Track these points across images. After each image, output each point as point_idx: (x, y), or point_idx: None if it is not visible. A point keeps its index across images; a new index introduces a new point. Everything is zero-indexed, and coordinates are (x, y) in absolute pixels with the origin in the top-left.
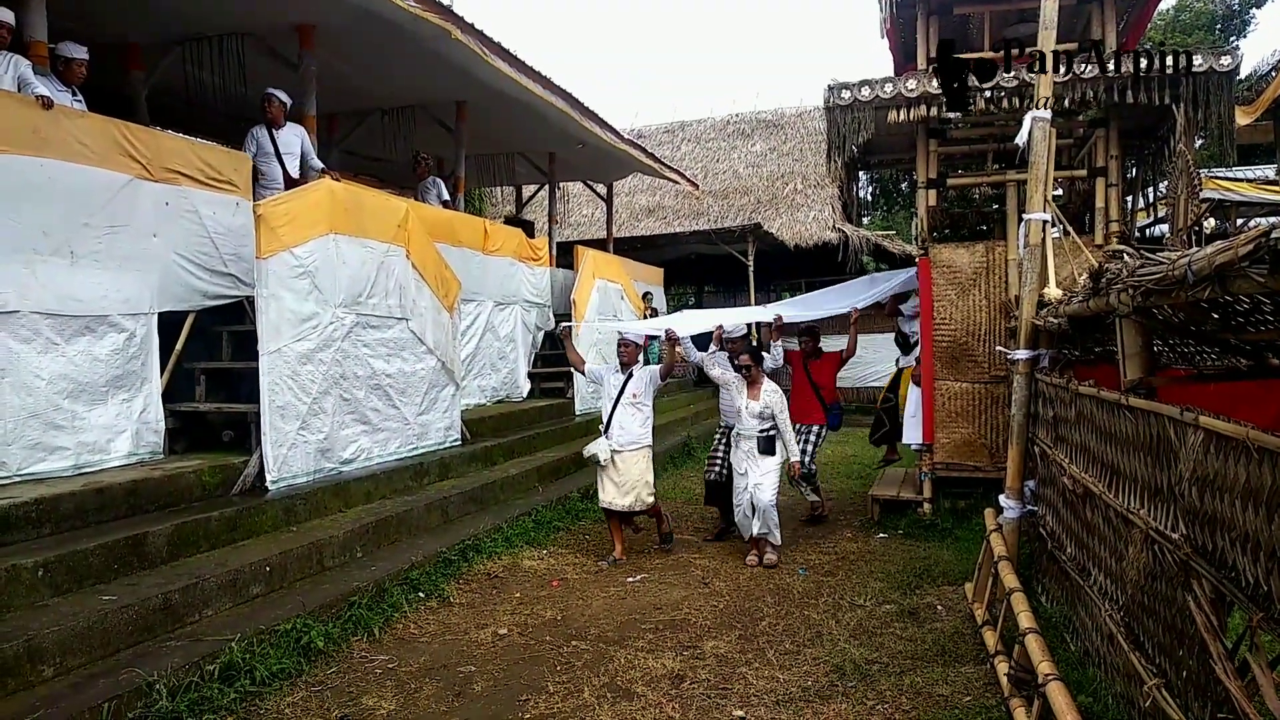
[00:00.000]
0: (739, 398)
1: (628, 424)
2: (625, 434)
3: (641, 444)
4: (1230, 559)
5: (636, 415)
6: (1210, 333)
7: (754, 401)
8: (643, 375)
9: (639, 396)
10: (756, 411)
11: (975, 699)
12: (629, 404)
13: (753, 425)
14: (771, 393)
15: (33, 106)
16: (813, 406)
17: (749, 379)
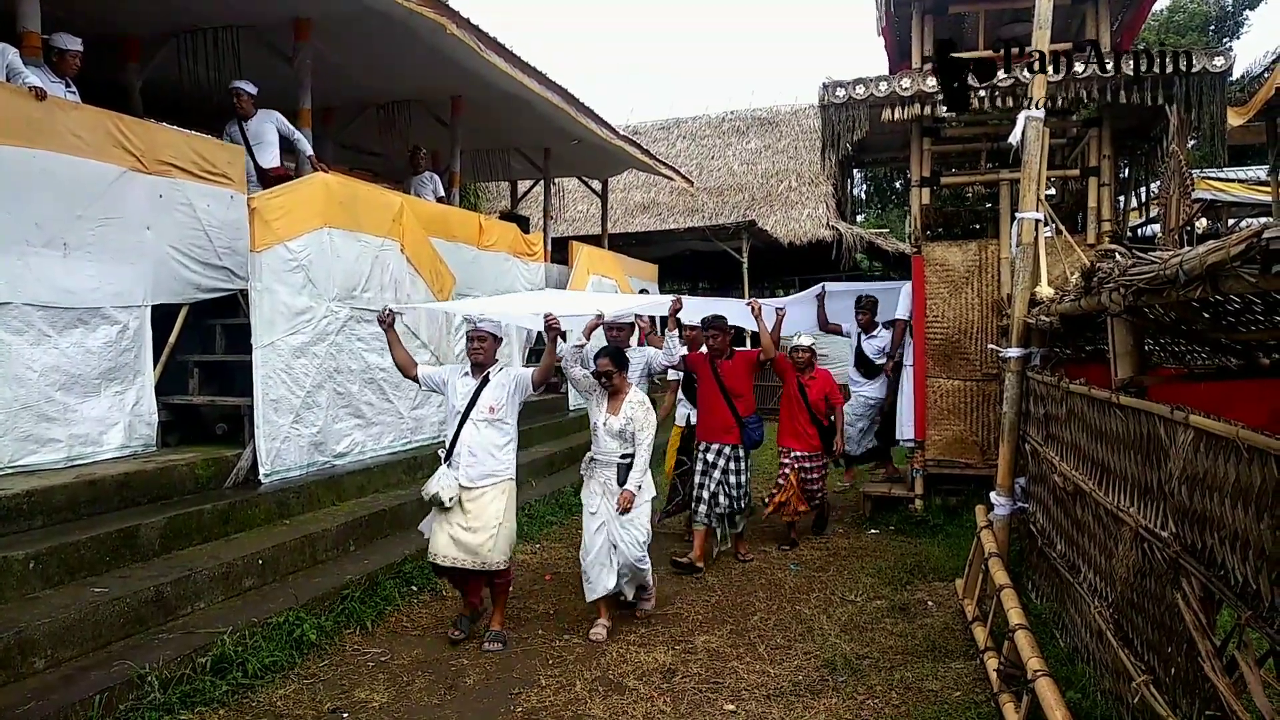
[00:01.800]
0: (596, 412)
1: (480, 448)
2: (476, 464)
3: (500, 477)
4: (1219, 557)
5: (494, 436)
6: (1201, 332)
7: (614, 417)
8: (504, 381)
9: (497, 410)
10: (616, 429)
11: (965, 694)
12: (482, 421)
13: (612, 448)
14: (636, 405)
15: (25, 97)
16: (722, 421)
17: (609, 388)
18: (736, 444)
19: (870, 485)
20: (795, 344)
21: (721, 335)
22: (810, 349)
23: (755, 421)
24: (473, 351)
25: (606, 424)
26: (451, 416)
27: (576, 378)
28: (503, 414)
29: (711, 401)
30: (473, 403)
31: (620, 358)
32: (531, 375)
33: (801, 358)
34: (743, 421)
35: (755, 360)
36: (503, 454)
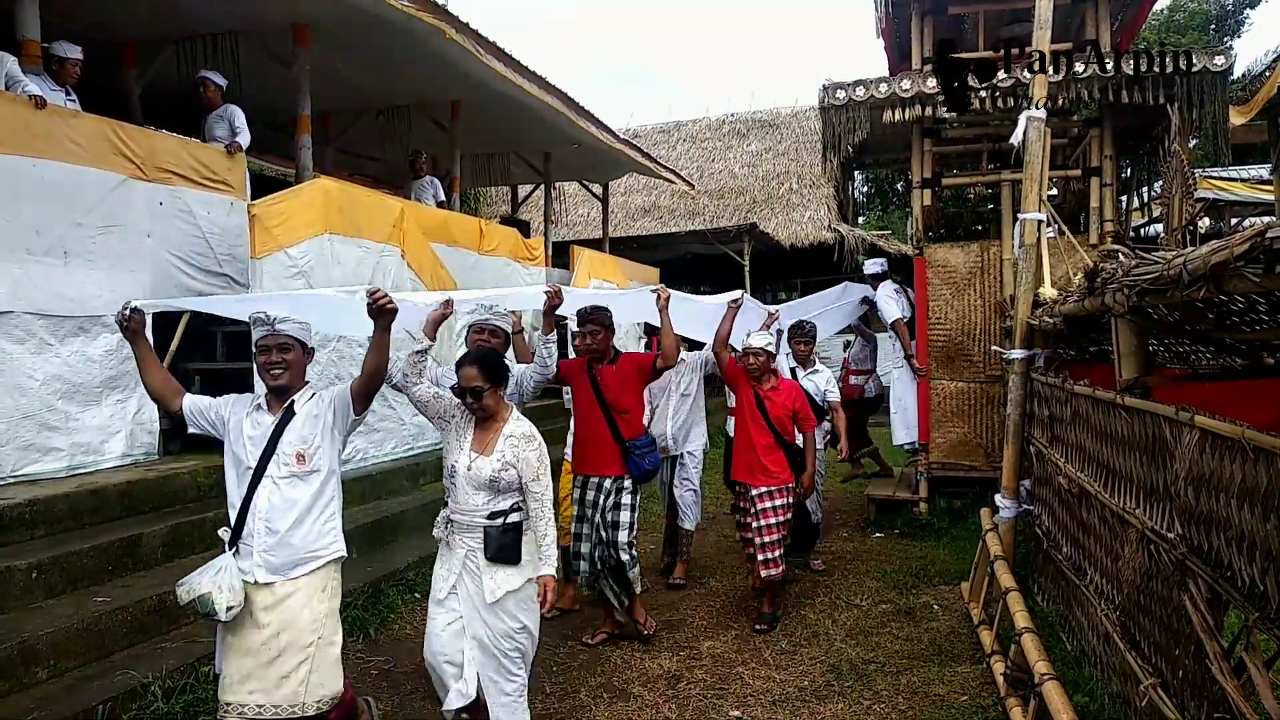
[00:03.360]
0: (455, 448)
1: (284, 520)
2: (279, 546)
3: (320, 559)
4: (1226, 559)
5: (305, 497)
6: (1205, 332)
7: (484, 458)
8: (318, 411)
9: (309, 458)
10: (487, 476)
11: (972, 698)
12: (287, 477)
13: (476, 504)
14: (521, 442)
15: (25, 105)
16: (601, 445)
17: (477, 413)
18: (620, 475)
19: (874, 489)
20: (748, 344)
21: (602, 333)
22: (766, 351)
23: (646, 445)
24: (269, 370)
25: (472, 468)
26: (238, 475)
27: (423, 398)
28: (318, 461)
29: (588, 421)
30: (269, 451)
31: (494, 368)
32: (350, 389)
33: (755, 363)
34: (628, 446)
35: (649, 365)
36: (323, 521)
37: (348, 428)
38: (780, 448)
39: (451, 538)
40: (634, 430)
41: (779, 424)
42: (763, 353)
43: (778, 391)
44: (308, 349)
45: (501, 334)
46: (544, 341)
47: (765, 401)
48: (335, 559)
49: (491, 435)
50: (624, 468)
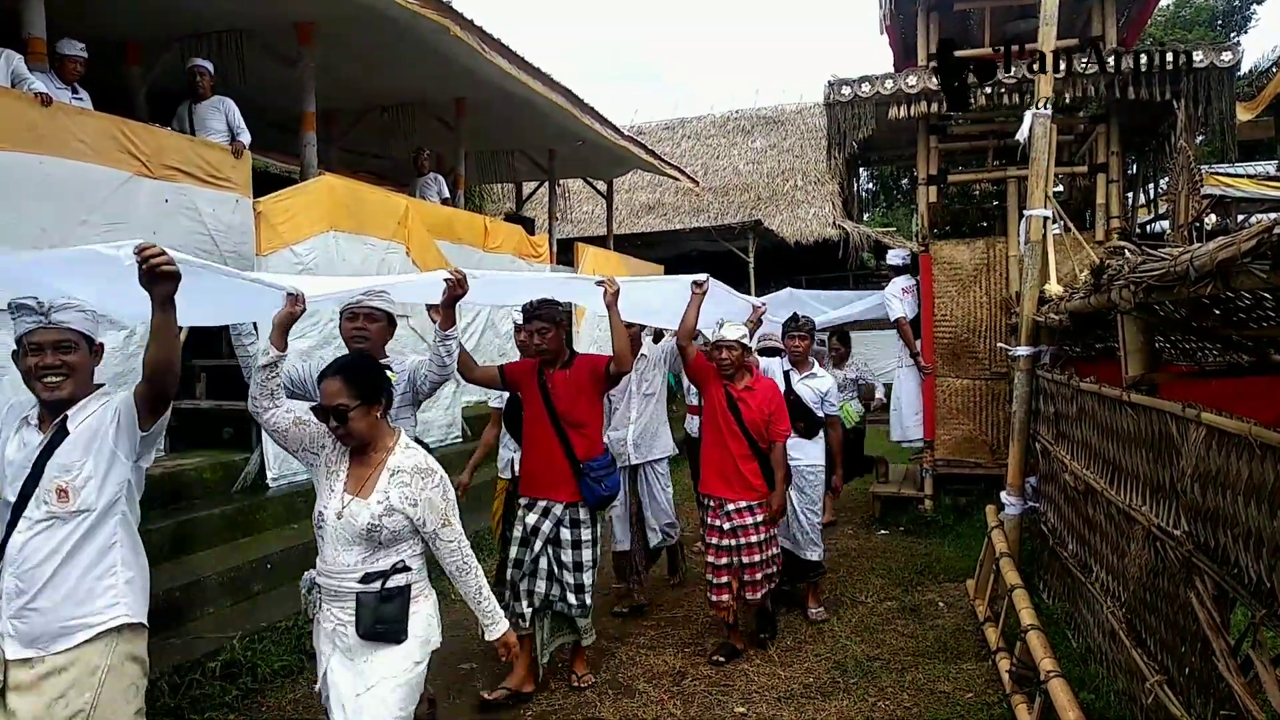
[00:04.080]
0: (323, 489)
1: (31, 576)
2: (31, 613)
3: (87, 629)
4: (1233, 555)
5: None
6: (1212, 329)
7: (359, 500)
8: (96, 426)
9: (73, 494)
10: (364, 525)
11: (977, 696)
12: (45, 519)
13: (347, 563)
14: (414, 477)
15: (31, 103)
16: (551, 464)
17: (343, 438)
18: (574, 501)
19: (879, 486)
20: (720, 336)
21: (552, 330)
22: (739, 344)
23: (603, 466)
24: (41, 377)
25: (344, 514)
26: None
27: (279, 426)
28: (87, 496)
29: (537, 435)
30: (31, 482)
31: (364, 379)
32: (134, 394)
33: (728, 358)
34: (583, 467)
35: (604, 370)
36: (94, 578)
37: (137, 447)
38: (756, 457)
39: (325, 606)
40: (590, 448)
41: (754, 429)
42: (736, 346)
43: (752, 393)
44: (95, 345)
45: (382, 317)
46: (440, 339)
47: (739, 403)
48: (116, 627)
49: (370, 470)
50: (578, 492)
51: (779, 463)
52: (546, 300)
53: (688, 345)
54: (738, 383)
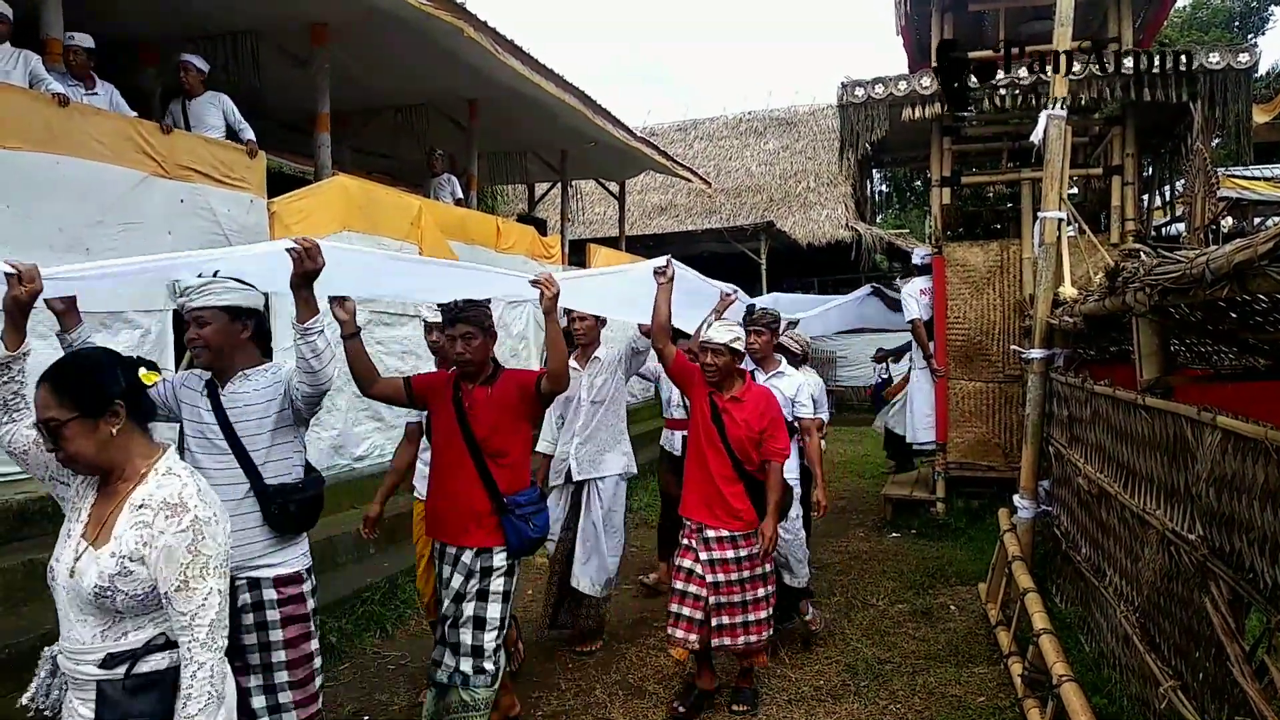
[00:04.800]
0: (61, 534)
1: None
2: None
3: None
4: (1248, 560)
5: None
6: (1228, 332)
7: (92, 550)
8: None
9: None
10: (90, 587)
11: (989, 700)
12: None
13: (84, 640)
14: (158, 514)
15: (47, 103)
16: (466, 502)
17: (66, 463)
18: (490, 548)
19: (891, 488)
20: (707, 337)
21: (479, 338)
22: (729, 349)
23: (530, 503)
24: None
25: (76, 570)
26: None
27: (17, 445)
28: None
29: (447, 464)
30: None
31: (79, 384)
32: None
33: (714, 364)
34: (505, 503)
35: (534, 388)
36: None
37: None
38: (741, 479)
39: (61, 698)
40: (515, 480)
41: (738, 446)
42: (724, 350)
43: (740, 404)
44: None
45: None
46: (300, 335)
47: (723, 415)
48: None
49: (111, 508)
50: (498, 535)
51: (775, 487)
52: (475, 302)
53: (664, 344)
54: (724, 391)
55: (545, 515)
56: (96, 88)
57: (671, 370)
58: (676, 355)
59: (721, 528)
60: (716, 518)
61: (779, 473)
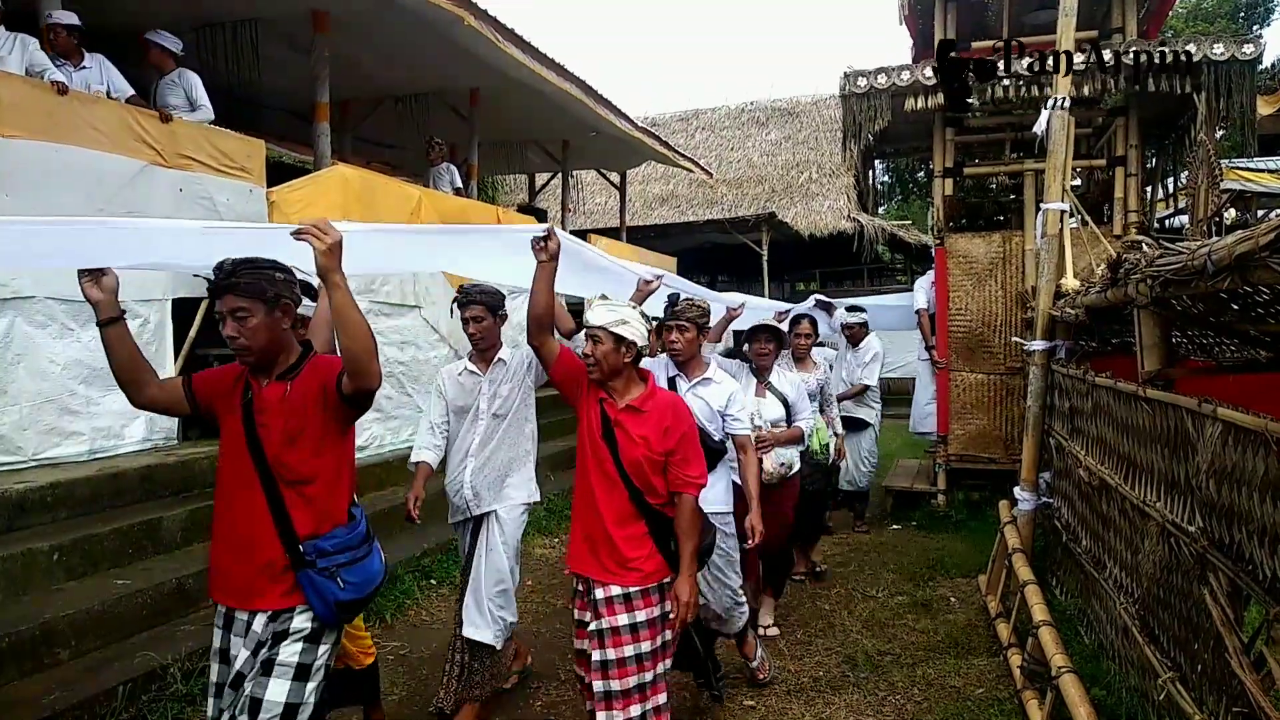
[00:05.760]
0: None
1: None
2: None
3: None
4: (1248, 552)
5: None
6: (1230, 324)
7: None
8: None
9: None
10: None
11: (988, 691)
12: None
13: None
14: None
15: (46, 91)
16: (251, 548)
17: None
18: (287, 609)
19: (892, 480)
20: (586, 322)
21: (255, 317)
22: (615, 335)
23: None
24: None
25: None
26: None
27: None
28: None
29: (230, 497)
30: None
31: None
32: None
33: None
34: (304, 549)
35: (334, 384)
36: None
37: None
38: (641, 516)
39: None
40: (320, 517)
41: (636, 473)
42: (607, 338)
43: (639, 417)
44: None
45: None
46: None
47: (616, 429)
48: None
49: None
50: (298, 595)
51: (686, 530)
52: (248, 261)
53: (542, 340)
54: (619, 397)
55: (369, 566)
56: (85, 61)
57: (553, 372)
58: (561, 353)
59: (613, 583)
60: (606, 569)
61: (693, 510)
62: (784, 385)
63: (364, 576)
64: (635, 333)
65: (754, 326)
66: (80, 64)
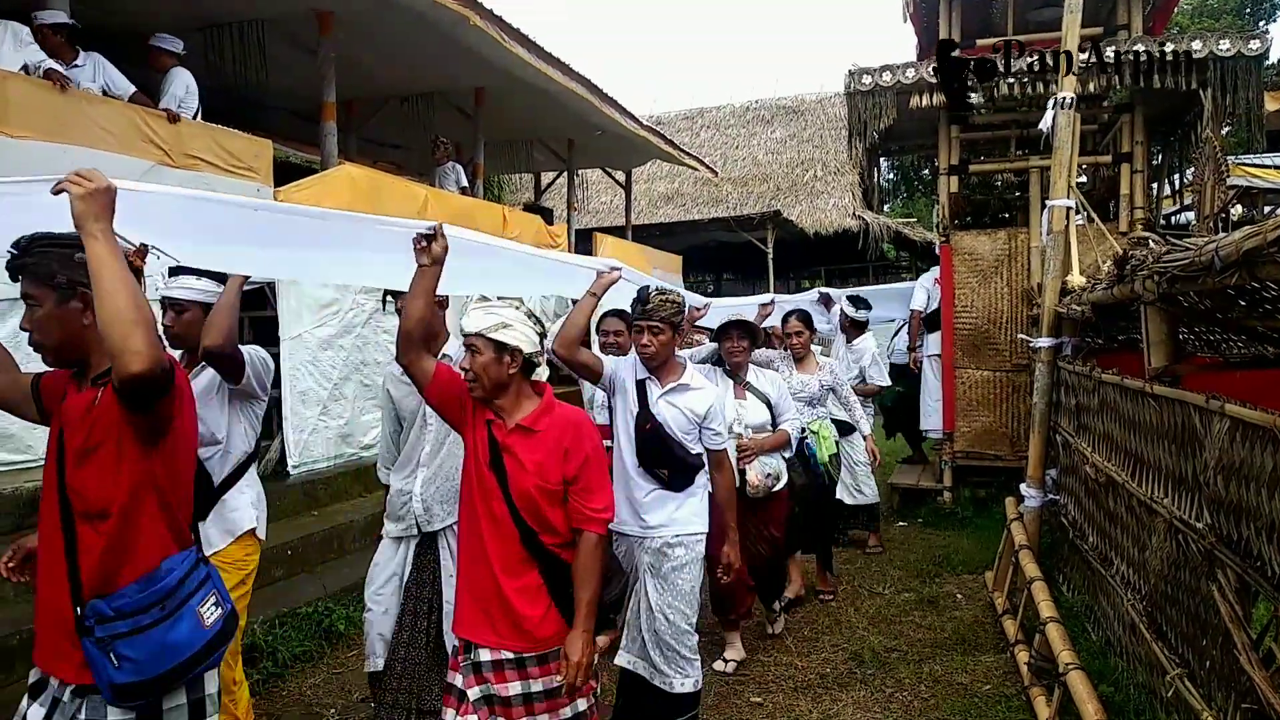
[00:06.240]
0: None
1: None
2: None
3: None
4: (1256, 548)
5: None
6: (1237, 320)
7: None
8: None
9: None
10: None
11: (995, 687)
12: None
13: None
14: None
15: (55, 92)
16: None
17: None
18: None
19: (898, 477)
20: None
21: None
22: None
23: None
24: None
25: None
26: None
27: None
28: None
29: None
30: None
31: None
32: None
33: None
34: (86, 611)
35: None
36: None
37: None
38: (534, 563)
39: None
40: (110, 564)
41: (527, 507)
42: (486, 347)
43: (530, 439)
44: None
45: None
46: None
47: (505, 455)
48: None
49: None
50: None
51: (584, 574)
52: (44, 237)
53: (411, 359)
54: (507, 417)
55: (164, 636)
56: (79, 60)
57: (431, 395)
58: (437, 371)
59: (502, 648)
60: (493, 630)
61: (594, 551)
62: (764, 384)
63: (150, 651)
64: (520, 337)
65: (724, 323)
66: (73, 62)
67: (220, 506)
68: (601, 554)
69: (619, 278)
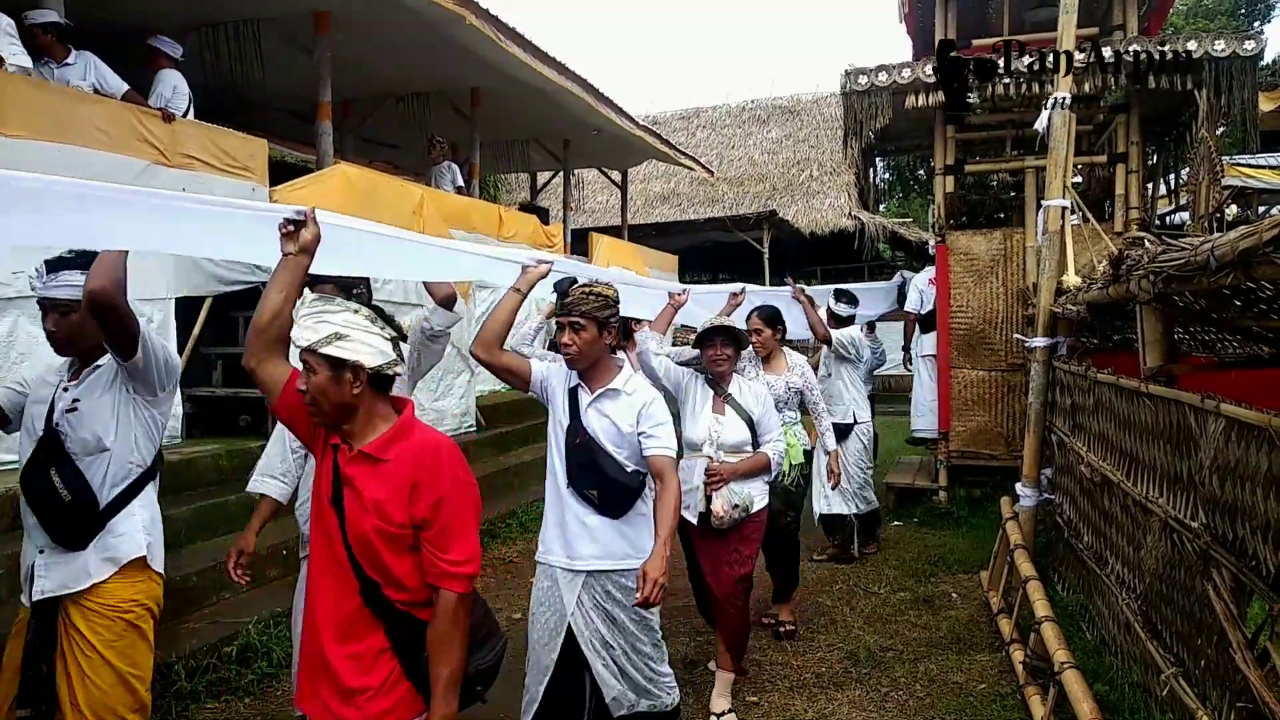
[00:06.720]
0: None
1: None
2: None
3: None
4: (1251, 547)
5: None
6: (1232, 320)
7: None
8: None
9: None
10: None
11: (990, 686)
12: None
13: None
14: None
15: (51, 91)
16: None
17: None
18: None
19: (893, 476)
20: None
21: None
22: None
23: None
24: None
25: None
26: None
27: None
28: None
29: None
30: None
31: None
32: None
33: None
34: None
35: None
36: None
37: None
38: (378, 622)
39: None
40: None
41: (365, 554)
42: (320, 365)
43: (375, 469)
44: None
45: None
46: None
47: (345, 488)
48: None
49: None
50: None
51: (439, 643)
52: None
53: (259, 360)
54: (355, 441)
55: None
56: (70, 58)
57: (279, 409)
58: (290, 379)
59: None
60: (328, 710)
61: (453, 614)
62: (748, 399)
63: None
64: (360, 349)
65: (706, 329)
66: (64, 61)
67: (104, 531)
68: (464, 618)
69: (548, 271)
